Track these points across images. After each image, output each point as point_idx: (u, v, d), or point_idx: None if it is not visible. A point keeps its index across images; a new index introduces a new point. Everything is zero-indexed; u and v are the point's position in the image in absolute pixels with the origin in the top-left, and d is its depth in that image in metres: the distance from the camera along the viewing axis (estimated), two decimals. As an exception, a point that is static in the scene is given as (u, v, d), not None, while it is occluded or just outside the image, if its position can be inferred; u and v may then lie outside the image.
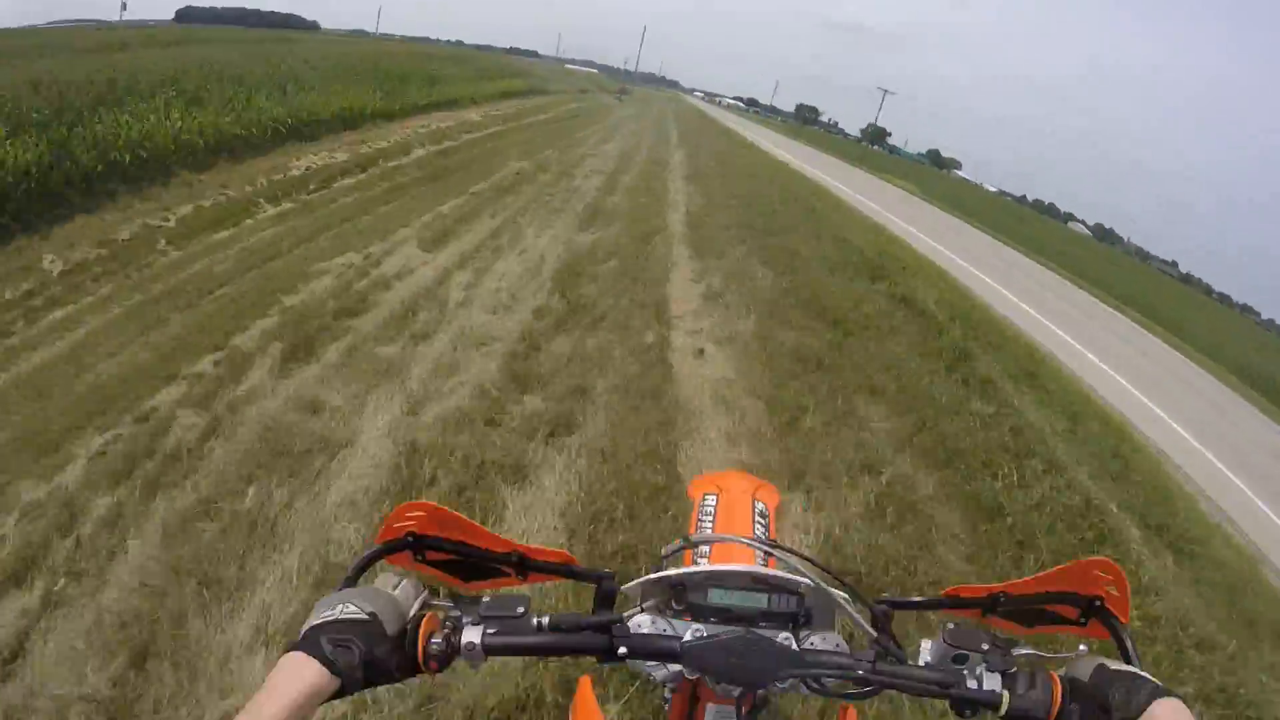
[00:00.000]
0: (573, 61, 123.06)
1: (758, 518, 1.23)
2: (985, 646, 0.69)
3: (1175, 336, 14.95)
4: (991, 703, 0.65)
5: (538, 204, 9.43)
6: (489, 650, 0.66)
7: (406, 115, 14.88)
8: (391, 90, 14.97)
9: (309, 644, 0.58)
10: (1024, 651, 0.71)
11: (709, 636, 0.71)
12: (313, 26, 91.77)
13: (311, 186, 9.23)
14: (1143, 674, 0.63)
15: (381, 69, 17.19)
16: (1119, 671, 0.63)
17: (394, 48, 30.05)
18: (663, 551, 0.88)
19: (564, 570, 0.79)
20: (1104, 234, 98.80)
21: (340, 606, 0.62)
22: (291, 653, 0.57)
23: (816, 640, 0.74)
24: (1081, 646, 0.71)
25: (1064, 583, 0.75)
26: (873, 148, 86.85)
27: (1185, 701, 0.59)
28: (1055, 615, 0.77)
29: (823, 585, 0.73)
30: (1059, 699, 0.64)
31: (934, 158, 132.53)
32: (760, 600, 0.75)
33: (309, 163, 10.33)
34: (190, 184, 8.44)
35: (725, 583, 0.75)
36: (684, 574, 0.75)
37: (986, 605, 0.77)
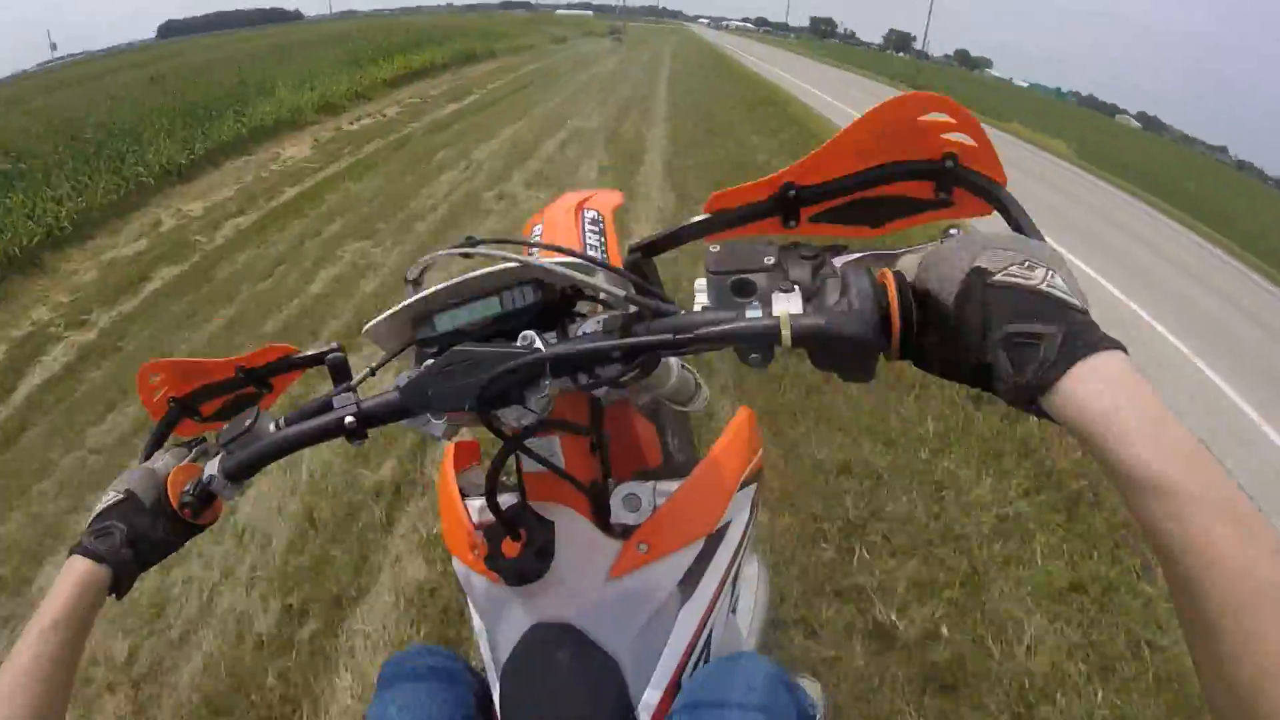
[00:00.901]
0: (567, 6, 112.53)
1: (589, 226, 0.90)
2: (769, 260, 0.45)
3: None
4: (766, 334, 0.40)
5: None
6: (230, 475, 0.57)
7: (155, 192, 6.81)
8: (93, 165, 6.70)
9: (78, 543, 0.55)
10: (851, 257, 0.45)
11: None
12: (295, 17, 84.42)
13: None
14: (1052, 293, 0.34)
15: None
16: (1004, 286, 0.35)
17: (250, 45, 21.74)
18: (407, 292, 0.60)
19: (287, 364, 0.68)
20: (1148, 122, 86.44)
21: (104, 497, 0.58)
22: (69, 556, 0.54)
23: (591, 325, 0.52)
24: (952, 231, 0.41)
25: (882, 149, 0.45)
26: (899, 55, 76.19)
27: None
28: (906, 201, 0.48)
29: (534, 260, 0.52)
30: (895, 303, 0.38)
31: (963, 58, 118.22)
32: (493, 306, 0.56)
33: None
34: None
35: (441, 305, 0.57)
36: (384, 319, 0.57)
37: (778, 209, 0.49)
